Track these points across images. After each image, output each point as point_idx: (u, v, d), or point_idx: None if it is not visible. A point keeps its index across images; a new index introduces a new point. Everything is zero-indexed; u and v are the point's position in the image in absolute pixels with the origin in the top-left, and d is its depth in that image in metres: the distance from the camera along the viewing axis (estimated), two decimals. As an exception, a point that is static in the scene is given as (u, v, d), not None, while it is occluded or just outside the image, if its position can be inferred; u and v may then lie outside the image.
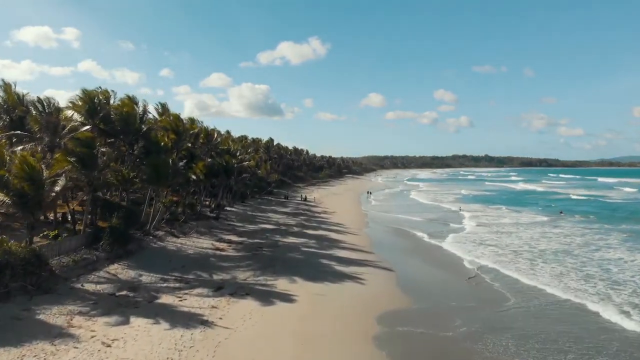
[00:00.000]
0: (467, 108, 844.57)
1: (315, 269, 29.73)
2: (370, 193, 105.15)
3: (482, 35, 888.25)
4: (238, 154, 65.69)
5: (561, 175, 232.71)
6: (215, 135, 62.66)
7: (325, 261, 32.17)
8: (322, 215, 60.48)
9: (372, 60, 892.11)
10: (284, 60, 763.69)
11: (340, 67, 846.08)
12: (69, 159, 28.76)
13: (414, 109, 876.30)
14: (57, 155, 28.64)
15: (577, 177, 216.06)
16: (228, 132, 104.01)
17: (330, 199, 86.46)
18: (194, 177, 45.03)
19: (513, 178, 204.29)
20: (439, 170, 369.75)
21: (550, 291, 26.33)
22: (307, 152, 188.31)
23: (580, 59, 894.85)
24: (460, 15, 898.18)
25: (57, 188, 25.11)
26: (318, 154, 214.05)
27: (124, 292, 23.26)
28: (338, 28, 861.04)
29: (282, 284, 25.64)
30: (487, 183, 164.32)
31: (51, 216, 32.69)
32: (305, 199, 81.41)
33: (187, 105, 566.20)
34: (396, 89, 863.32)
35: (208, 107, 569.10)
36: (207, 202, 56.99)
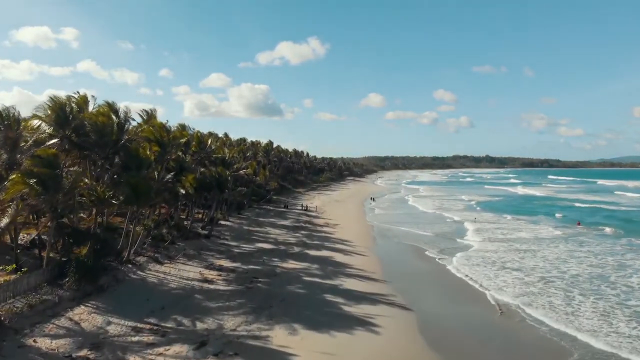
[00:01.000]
0: (467, 108, 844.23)
1: (319, 309, 25.16)
2: (374, 199, 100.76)
3: (482, 35, 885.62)
4: (234, 162, 61.28)
5: (561, 178, 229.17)
6: (210, 142, 57.79)
7: (330, 297, 27.58)
8: (325, 229, 55.85)
9: (372, 60, 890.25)
10: (283, 60, 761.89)
11: (340, 67, 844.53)
12: (27, 180, 24.22)
13: (414, 109, 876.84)
14: (12, 177, 24.06)
15: (577, 179, 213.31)
16: (226, 134, 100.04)
17: (333, 208, 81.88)
18: (182, 191, 40.42)
19: (512, 181, 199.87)
20: (439, 172, 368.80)
21: (610, 349, 21.21)
22: (308, 154, 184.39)
23: (581, 59, 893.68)
24: (461, 15, 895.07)
25: (6, 220, 20.57)
26: (318, 155, 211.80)
27: (83, 352, 18.72)
28: (337, 28, 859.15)
29: (279, 336, 21.06)
30: (486, 187, 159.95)
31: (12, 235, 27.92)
32: (307, 209, 76.73)
33: (187, 106, 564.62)
34: (396, 89, 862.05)
35: (208, 107, 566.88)
36: (199, 215, 52.44)
